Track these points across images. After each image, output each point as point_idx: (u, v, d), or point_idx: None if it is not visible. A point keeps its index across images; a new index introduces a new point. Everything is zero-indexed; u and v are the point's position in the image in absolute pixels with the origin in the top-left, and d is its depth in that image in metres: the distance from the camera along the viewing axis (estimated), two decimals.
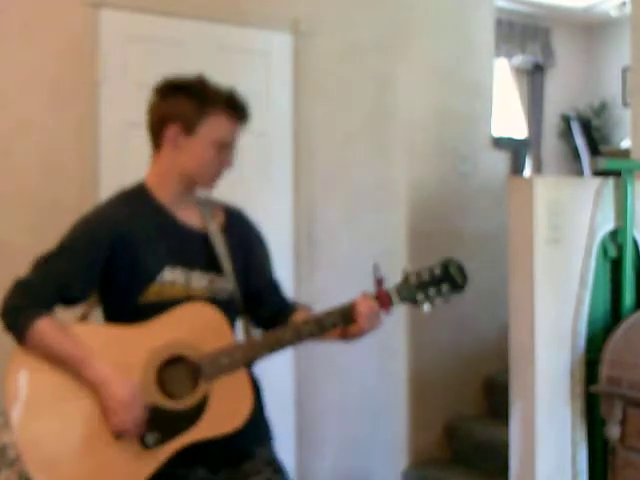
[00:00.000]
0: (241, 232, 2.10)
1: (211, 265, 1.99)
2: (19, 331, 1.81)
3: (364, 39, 3.85)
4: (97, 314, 2.01)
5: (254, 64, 3.52)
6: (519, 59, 7.77)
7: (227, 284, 2.01)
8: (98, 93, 3.22)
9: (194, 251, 1.99)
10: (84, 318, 2.01)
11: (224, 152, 1.98)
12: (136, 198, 2.00)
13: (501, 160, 4.41)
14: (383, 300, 1.97)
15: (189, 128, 1.94)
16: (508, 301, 2.89)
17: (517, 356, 2.86)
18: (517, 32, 7.68)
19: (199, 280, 1.97)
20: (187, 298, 1.93)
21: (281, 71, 3.60)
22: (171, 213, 2.00)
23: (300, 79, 3.65)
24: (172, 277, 1.93)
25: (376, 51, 3.88)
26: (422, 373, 3.96)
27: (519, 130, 7.74)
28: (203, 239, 2.01)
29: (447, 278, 1.99)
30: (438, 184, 4.07)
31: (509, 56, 7.66)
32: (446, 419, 4.05)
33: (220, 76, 2.03)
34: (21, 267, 1.87)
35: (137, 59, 3.27)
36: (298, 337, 1.94)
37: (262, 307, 2.11)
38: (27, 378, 1.83)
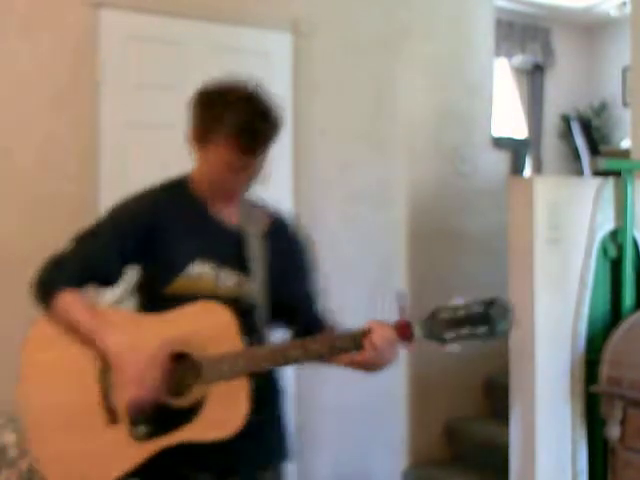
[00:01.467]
0: (283, 241, 2.02)
1: (241, 266, 1.92)
2: (45, 301, 1.82)
3: (364, 39, 3.85)
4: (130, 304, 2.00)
5: (254, 64, 3.51)
6: (519, 59, 7.75)
7: (254, 288, 1.93)
8: (98, 93, 3.22)
9: (225, 249, 1.93)
10: (118, 304, 1.98)
11: (235, 173, 1.86)
12: (176, 188, 1.96)
13: (501, 160, 4.41)
14: (402, 330, 1.81)
15: (201, 141, 1.87)
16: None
17: (517, 356, 2.86)
18: (517, 32, 7.68)
19: (227, 279, 1.91)
20: (214, 295, 1.87)
21: (281, 71, 3.60)
22: (207, 207, 1.94)
23: (300, 79, 3.65)
24: (201, 271, 1.89)
25: (376, 51, 3.88)
26: (422, 373, 3.96)
27: (519, 130, 7.73)
28: (236, 238, 1.94)
29: (487, 320, 1.78)
30: (438, 184, 4.07)
31: (509, 56, 7.65)
32: (446, 419, 4.04)
33: (219, 76, 2.02)
34: (20, 265, 1.87)
35: (137, 59, 3.27)
36: (305, 355, 1.82)
37: (294, 321, 2.01)
38: (41, 350, 1.85)
